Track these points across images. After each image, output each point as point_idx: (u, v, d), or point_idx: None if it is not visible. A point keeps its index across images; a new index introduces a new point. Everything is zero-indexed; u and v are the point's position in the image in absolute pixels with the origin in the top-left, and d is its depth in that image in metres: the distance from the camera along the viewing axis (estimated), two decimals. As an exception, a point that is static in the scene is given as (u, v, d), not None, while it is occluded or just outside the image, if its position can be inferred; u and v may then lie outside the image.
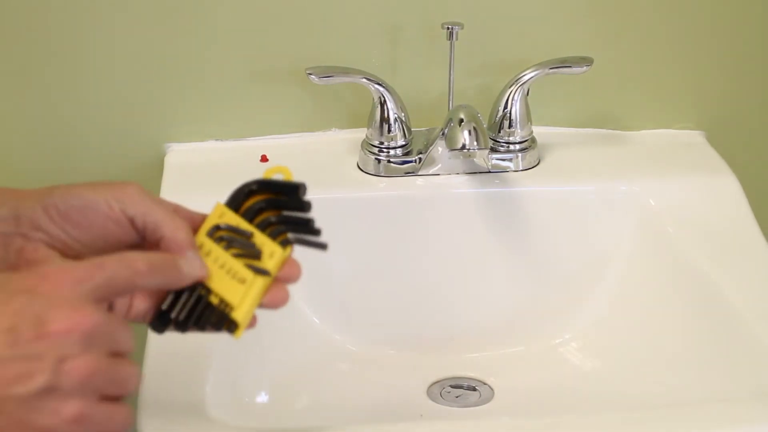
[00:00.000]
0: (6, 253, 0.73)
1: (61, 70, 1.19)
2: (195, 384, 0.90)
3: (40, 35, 1.17)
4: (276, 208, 0.79)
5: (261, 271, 0.77)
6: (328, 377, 1.10)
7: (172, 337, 0.76)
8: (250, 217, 0.78)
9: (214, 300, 0.75)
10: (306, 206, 0.79)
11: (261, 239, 0.77)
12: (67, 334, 0.63)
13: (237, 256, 0.77)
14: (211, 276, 0.76)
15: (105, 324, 0.65)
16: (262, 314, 0.77)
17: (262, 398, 1.04)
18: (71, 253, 0.75)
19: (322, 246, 0.79)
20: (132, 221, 0.75)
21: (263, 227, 0.78)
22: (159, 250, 0.75)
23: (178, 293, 0.75)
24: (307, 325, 1.13)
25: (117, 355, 0.66)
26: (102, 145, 1.22)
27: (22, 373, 0.61)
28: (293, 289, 0.79)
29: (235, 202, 0.79)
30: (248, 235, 0.77)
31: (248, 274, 0.76)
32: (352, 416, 1.06)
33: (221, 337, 0.96)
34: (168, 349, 0.93)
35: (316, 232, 0.79)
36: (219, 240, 0.77)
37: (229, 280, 0.76)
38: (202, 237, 0.77)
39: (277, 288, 0.78)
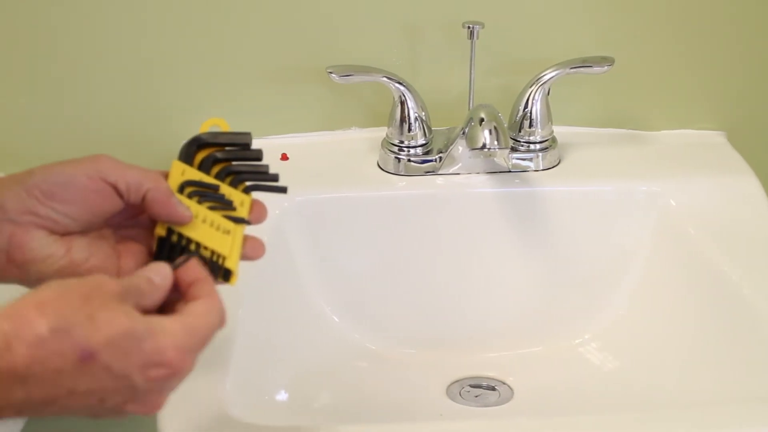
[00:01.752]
0: None
1: (79, 67, 1.19)
2: (215, 382, 0.90)
3: (58, 33, 1.17)
4: (228, 159, 0.81)
5: (240, 221, 0.79)
6: (347, 376, 1.10)
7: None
8: (206, 170, 0.80)
9: (206, 253, 0.77)
10: (257, 154, 0.81)
11: (226, 190, 0.80)
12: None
13: (213, 209, 0.79)
14: (197, 230, 0.78)
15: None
16: (282, 312, 0.77)
17: (282, 396, 1.04)
18: (60, 229, 0.76)
19: (282, 189, 0.81)
20: (115, 187, 0.77)
21: (221, 178, 0.80)
22: (142, 213, 0.78)
23: (171, 252, 0.77)
24: (327, 324, 1.13)
25: None
26: (121, 144, 1.23)
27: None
28: (314, 290, 0.79)
29: (189, 157, 0.80)
30: (216, 188, 0.79)
31: (230, 225, 0.78)
32: (372, 415, 1.06)
33: (241, 336, 0.97)
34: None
35: (273, 177, 0.81)
36: (191, 196, 0.79)
37: (215, 233, 0.78)
38: (176, 195, 0.79)
39: (252, 239, 0.80)
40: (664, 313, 1.11)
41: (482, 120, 1.10)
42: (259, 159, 0.80)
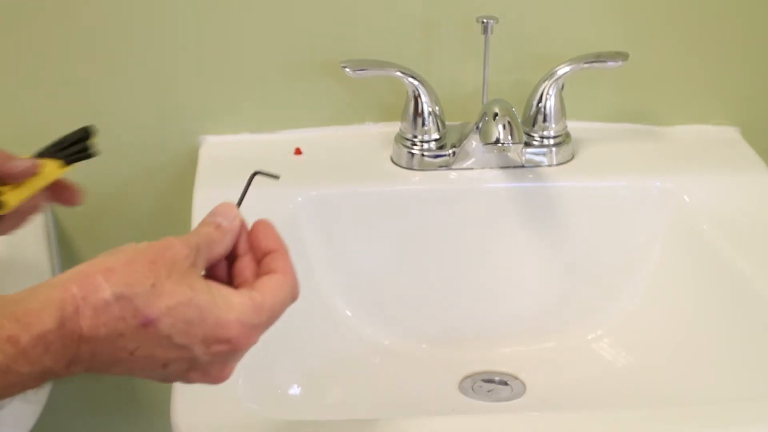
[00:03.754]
0: None
1: (96, 62, 1.19)
2: (228, 376, 0.90)
3: (76, 29, 1.18)
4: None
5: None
6: (360, 370, 1.10)
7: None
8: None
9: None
10: (82, 134, 0.92)
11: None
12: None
13: None
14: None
15: None
16: (295, 306, 0.77)
17: (295, 390, 1.04)
18: None
19: (88, 156, 0.92)
20: None
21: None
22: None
23: None
24: (340, 319, 1.13)
25: None
26: (137, 137, 1.23)
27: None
28: (327, 284, 0.79)
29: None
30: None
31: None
32: (384, 409, 1.06)
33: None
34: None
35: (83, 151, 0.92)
36: None
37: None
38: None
39: (68, 188, 0.91)
40: (677, 309, 1.11)
41: (496, 115, 1.10)
42: (87, 138, 0.91)
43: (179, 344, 0.67)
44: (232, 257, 0.74)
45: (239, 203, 0.75)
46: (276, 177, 0.80)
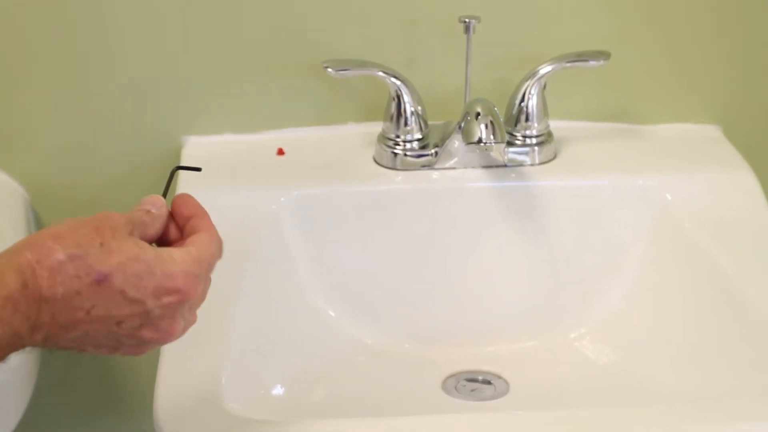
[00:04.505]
0: None
1: (78, 63, 1.19)
2: (211, 376, 0.90)
3: (57, 29, 1.17)
4: None
5: None
6: (343, 370, 1.10)
7: (189, 331, 0.77)
8: None
9: None
10: None
11: None
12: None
13: None
14: None
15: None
16: (279, 307, 0.77)
17: (278, 391, 1.04)
18: None
19: None
20: None
21: None
22: None
23: None
24: (323, 318, 1.13)
25: None
26: (119, 138, 1.23)
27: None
28: (310, 284, 0.80)
29: None
30: None
31: None
32: (367, 409, 1.06)
33: (237, 330, 0.97)
34: (184, 342, 0.93)
35: None
36: None
37: None
38: None
39: None
40: (659, 307, 1.11)
41: (478, 114, 1.10)
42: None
43: (132, 298, 0.70)
44: (160, 243, 0.78)
45: (164, 195, 0.79)
46: (198, 170, 0.84)
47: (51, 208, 1.25)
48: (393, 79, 1.15)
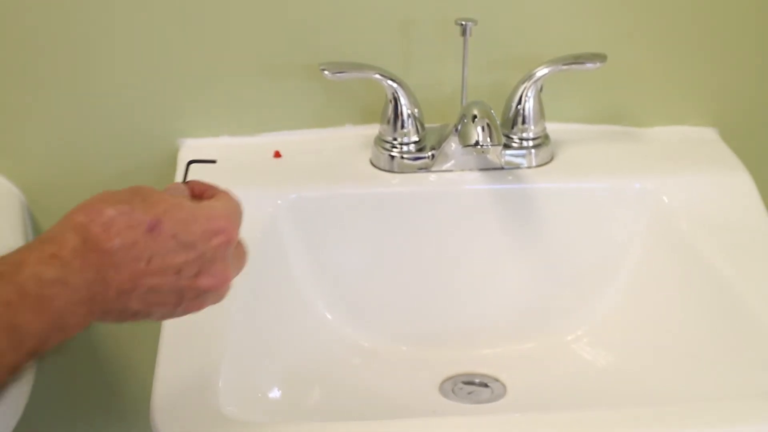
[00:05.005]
0: None
1: (75, 65, 1.19)
2: (208, 379, 0.90)
3: (54, 32, 1.17)
4: None
5: None
6: (340, 373, 1.10)
7: (185, 334, 0.77)
8: None
9: None
10: None
11: None
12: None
13: None
14: None
15: None
16: (275, 310, 0.77)
17: (275, 393, 1.04)
18: None
19: None
20: None
21: None
22: None
23: None
24: (320, 321, 1.13)
25: None
26: (116, 141, 1.23)
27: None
28: (307, 287, 0.80)
29: None
30: None
31: None
32: (364, 412, 1.06)
33: (234, 333, 0.97)
34: (181, 345, 0.93)
35: None
36: None
37: None
38: None
39: None
40: (656, 309, 1.11)
41: (475, 117, 1.10)
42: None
43: (185, 242, 0.74)
44: None
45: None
46: (213, 162, 0.91)
47: (48, 210, 1.24)
48: (390, 82, 1.15)
